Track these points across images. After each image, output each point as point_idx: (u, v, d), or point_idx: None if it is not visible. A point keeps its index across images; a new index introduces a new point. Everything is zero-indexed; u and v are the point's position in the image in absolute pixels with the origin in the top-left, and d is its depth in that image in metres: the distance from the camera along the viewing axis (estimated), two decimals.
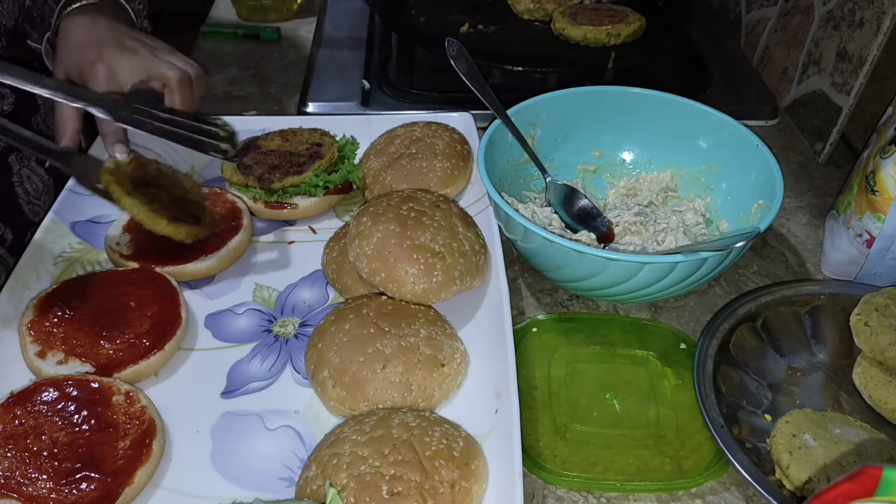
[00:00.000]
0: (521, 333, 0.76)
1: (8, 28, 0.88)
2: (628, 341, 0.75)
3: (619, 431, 0.67)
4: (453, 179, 0.86)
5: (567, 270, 0.72)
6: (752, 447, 0.65)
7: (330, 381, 0.66)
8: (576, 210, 0.84)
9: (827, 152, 1.00)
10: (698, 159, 0.87)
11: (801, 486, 0.60)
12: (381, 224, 0.72)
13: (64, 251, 0.80)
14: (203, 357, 0.72)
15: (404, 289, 0.70)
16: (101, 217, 0.84)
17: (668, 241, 0.79)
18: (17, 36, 0.89)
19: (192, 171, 0.92)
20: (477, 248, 0.74)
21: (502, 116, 0.82)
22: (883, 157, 0.75)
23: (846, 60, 0.95)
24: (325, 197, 0.86)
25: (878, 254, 0.77)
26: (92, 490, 0.58)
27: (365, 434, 0.59)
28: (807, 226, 0.92)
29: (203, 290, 0.79)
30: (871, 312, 0.69)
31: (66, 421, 0.62)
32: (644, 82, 0.90)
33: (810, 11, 1.04)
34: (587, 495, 0.64)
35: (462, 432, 0.62)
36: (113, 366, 0.67)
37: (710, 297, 0.82)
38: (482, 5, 1.24)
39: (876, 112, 0.93)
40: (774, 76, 1.13)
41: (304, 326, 0.76)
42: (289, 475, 0.63)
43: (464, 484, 0.57)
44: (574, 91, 0.88)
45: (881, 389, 0.67)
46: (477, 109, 0.95)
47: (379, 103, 1.08)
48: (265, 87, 1.16)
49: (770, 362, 0.73)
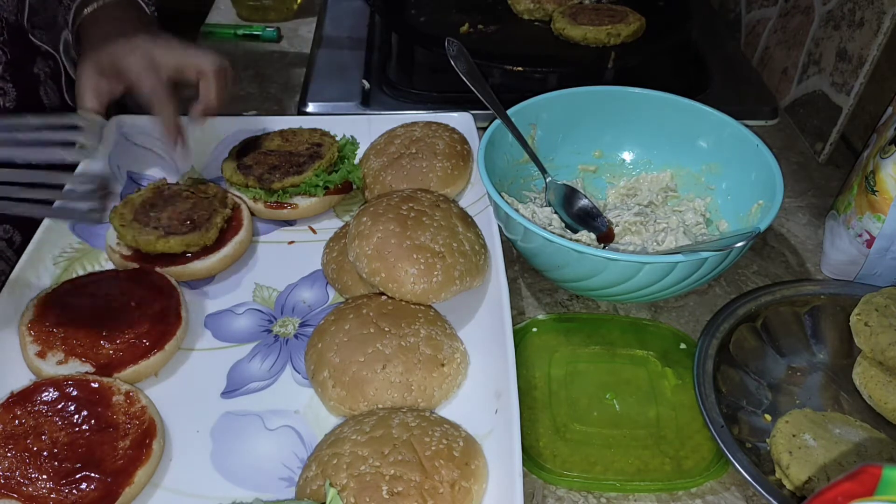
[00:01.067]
0: (521, 333, 0.76)
1: (10, 21, 0.87)
2: (628, 341, 0.75)
3: (619, 431, 0.67)
4: (453, 179, 0.86)
5: (567, 270, 0.72)
6: (752, 447, 0.65)
7: (330, 381, 0.66)
8: (576, 210, 0.84)
9: (827, 152, 1.00)
10: (698, 159, 0.87)
11: (801, 486, 0.60)
12: (381, 224, 0.72)
13: (64, 251, 0.80)
14: (203, 357, 0.72)
15: (404, 289, 0.70)
16: None
17: (668, 241, 0.79)
18: (19, 30, 0.89)
19: (191, 171, 0.92)
20: (477, 248, 0.74)
21: (502, 116, 0.82)
22: (883, 157, 0.75)
23: (846, 60, 0.95)
24: (325, 197, 0.86)
25: (878, 254, 0.77)
26: (92, 490, 0.58)
27: (365, 434, 0.59)
28: (807, 226, 0.92)
29: (203, 290, 0.79)
30: (871, 312, 0.69)
31: (66, 421, 0.62)
32: (644, 82, 0.90)
33: (810, 11, 1.04)
34: (587, 495, 0.64)
35: (462, 432, 0.62)
36: (113, 366, 0.67)
37: (710, 297, 0.82)
38: (482, 5, 1.24)
39: (876, 112, 0.93)
40: (774, 76, 1.13)
41: (304, 326, 0.76)
42: (289, 475, 0.63)
43: (464, 484, 0.57)
44: (574, 91, 0.88)
45: (881, 389, 0.67)
46: (477, 109, 0.95)
47: (379, 103, 1.08)
48: (265, 87, 1.16)
49: (770, 362, 0.73)
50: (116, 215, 0.79)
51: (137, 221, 0.78)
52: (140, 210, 0.79)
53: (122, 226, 0.77)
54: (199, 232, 0.78)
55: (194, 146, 0.93)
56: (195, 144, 0.93)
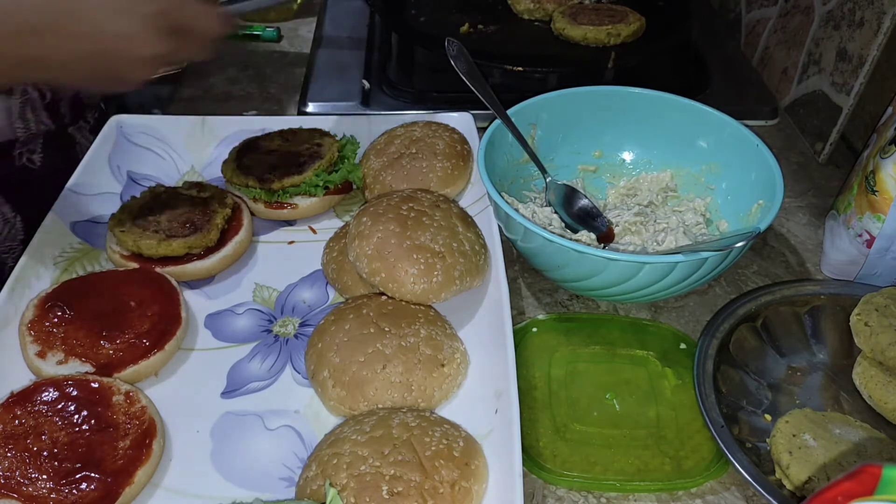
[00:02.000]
0: (521, 333, 0.76)
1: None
2: (628, 341, 0.75)
3: (619, 431, 0.67)
4: (453, 179, 0.86)
5: (567, 270, 0.72)
6: (752, 447, 0.65)
7: (330, 381, 0.66)
8: (576, 210, 0.84)
9: (827, 152, 1.00)
10: (698, 159, 0.87)
11: (801, 486, 0.60)
12: (381, 224, 0.72)
13: (64, 251, 0.80)
14: (203, 357, 0.72)
15: (404, 289, 0.70)
16: (101, 217, 0.84)
17: (668, 241, 0.79)
18: None
19: (191, 171, 0.92)
20: (477, 248, 0.74)
21: (502, 116, 0.82)
22: (883, 157, 0.75)
23: (846, 60, 0.95)
24: (325, 197, 0.86)
25: (878, 254, 0.77)
26: (92, 490, 0.58)
27: (365, 434, 0.59)
28: (807, 226, 0.92)
29: (203, 290, 0.79)
30: (871, 312, 0.69)
31: (66, 421, 0.62)
32: (644, 82, 0.90)
33: (810, 11, 1.04)
34: (587, 495, 0.64)
35: (462, 432, 0.62)
36: (113, 366, 0.67)
37: (710, 297, 0.82)
38: (482, 5, 1.24)
39: (876, 112, 0.93)
40: (774, 76, 1.13)
41: (304, 326, 0.76)
42: (289, 475, 0.63)
43: (464, 484, 0.57)
44: (574, 91, 0.88)
45: (881, 389, 0.67)
46: (477, 109, 0.95)
47: (379, 103, 1.07)
48: (265, 87, 1.16)
49: (770, 362, 0.73)
50: (116, 222, 0.79)
51: (137, 226, 0.78)
52: (139, 215, 0.79)
53: (121, 232, 0.77)
54: (200, 233, 0.78)
55: (194, 146, 0.94)
56: (195, 144, 0.94)
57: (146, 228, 0.78)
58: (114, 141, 0.90)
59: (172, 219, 0.79)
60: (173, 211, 0.80)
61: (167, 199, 0.82)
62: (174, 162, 0.92)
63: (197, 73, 1.17)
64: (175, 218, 0.79)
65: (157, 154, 0.91)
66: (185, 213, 0.80)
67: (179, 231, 0.78)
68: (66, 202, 0.82)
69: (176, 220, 0.79)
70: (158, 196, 0.82)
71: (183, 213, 0.80)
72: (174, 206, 0.81)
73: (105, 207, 0.84)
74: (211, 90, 1.14)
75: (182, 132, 0.94)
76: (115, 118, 0.91)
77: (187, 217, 0.79)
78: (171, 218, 0.79)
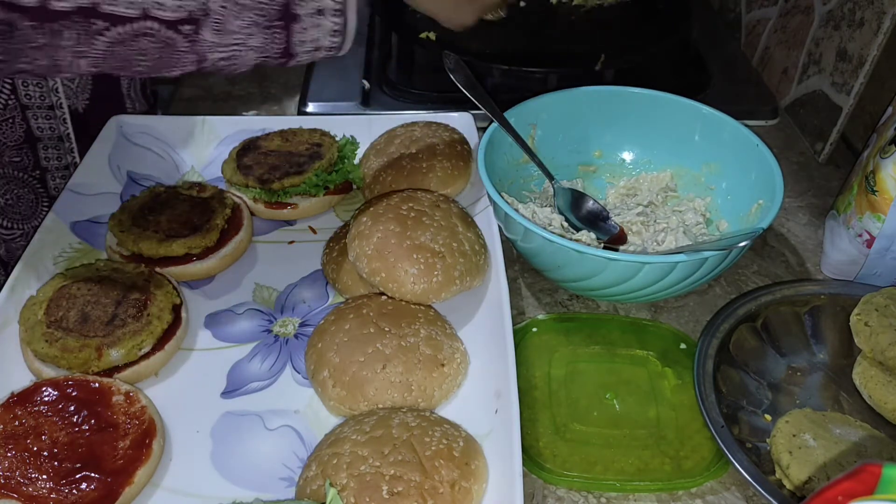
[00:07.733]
0: (521, 333, 0.76)
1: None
2: (628, 341, 0.75)
3: (619, 431, 0.67)
4: (453, 179, 0.86)
5: (567, 270, 0.72)
6: (752, 447, 0.65)
7: (330, 381, 0.66)
8: (584, 213, 0.84)
9: (827, 152, 1.00)
10: (698, 159, 0.87)
11: (802, 486, 0.60)
12: (381, 224, 0.72)
13: (64, 251, 0.80)
14: (203, 357, 0.72)
15: (404, 289, 0.70)
16: (101, 217, 0.83)
17: (669, 241, 0.79)
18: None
19: (191, 171, 0.92)
20: (477, 248, 0.74)
21: (503, 124, 0.82)
22: (883, 157, 0.75)
23: (846, 60, 0.95)
24: (325, 197, 0.86)
25: (878, 254, 0.77)
26: (92, 490, 0.58)
27: (365, 434, 0.59)
28: (807, 226, 0.92)
29: (203, 290, 0.79)
30: (871, 312, 0.69)
31: (66, 421, 0.62)
32: (644, 82, 0.90)
33: (810, 11, 1.04)
34: (587, 495, 0.64)
35: (462, 432, 0.62)
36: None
37: (710, 297, 0.82)
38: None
39: (876, 112, 0.93)
40: (774, 76, 1.13)
41: (304, 326, 0.76)
42: (289, 475, 0.63)
43: (464, 484, 0.57)
44: (574, 91, 0.88)
45: (881, 389, 0.67)
46: (477, 109, 0.94)
47: (379, 103, 1.07)
48: (265, 87, 1.16)
49: (770, 362, 0.73)
50: (116, 222, 0.79)
51: (137, 226, 0.78)
52: (139, 215, 0.79)
53: (121, 232, 0.77)
54: (200, 233, 0.78)
55: (194, 146, 0.94)
56: (195, 144, 0.94)
57: (146, 228, 0.78)
58: (114, 141, 0.90)
59: (172, 219, 0.79)
60: (173, 211, 0.80)
61: (167, 199, 0.82)
62: (174, 162, 0.92)
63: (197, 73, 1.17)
64: (175, 218, 0.79)
65: (157, 154, 0.91)
66: (185, 214, 0.80)
67: (179, 231, 0.78)
68: (65, 202, 0.82)
69: (176, 221, 0.79)
70: (158, 196, 0.82)
71: (183, 214, 0.80)
72: (174, 206, 0.81)
73: (105, 207, 0.84)
74: (211, 90, 1.14)
75: (182, 132, 0.94)
76: (115, 118, 0.91)
77: (187, 217, 0.79)
78: (171, 218, 0.79)
